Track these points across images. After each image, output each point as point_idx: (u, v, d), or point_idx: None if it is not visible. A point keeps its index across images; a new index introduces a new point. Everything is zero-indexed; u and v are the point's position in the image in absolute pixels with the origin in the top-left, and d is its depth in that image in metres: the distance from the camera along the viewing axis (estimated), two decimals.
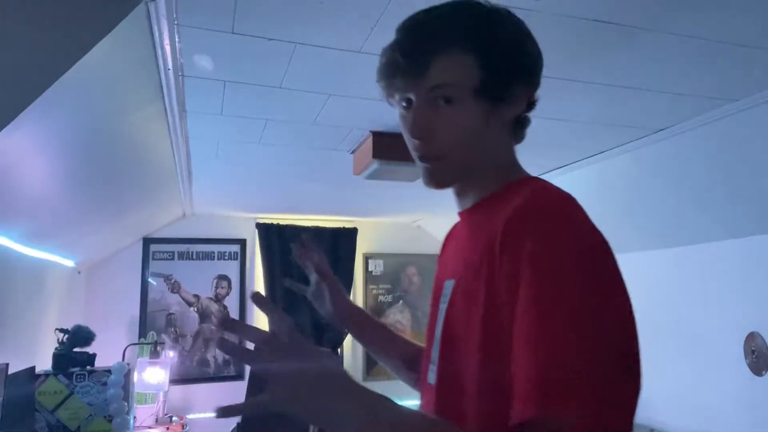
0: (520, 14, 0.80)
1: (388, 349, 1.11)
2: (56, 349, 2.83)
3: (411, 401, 0.86)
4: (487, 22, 0.75)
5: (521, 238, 0.64)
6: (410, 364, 1.04)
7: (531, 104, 0.80)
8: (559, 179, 2.98)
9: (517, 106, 0.78)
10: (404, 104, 0.78)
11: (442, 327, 0.77)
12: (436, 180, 0.80)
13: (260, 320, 4.45)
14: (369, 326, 1.13)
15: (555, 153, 2.75)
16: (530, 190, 0.71)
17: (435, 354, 0.79)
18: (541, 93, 0.81)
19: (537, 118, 0.85)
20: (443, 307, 0.79)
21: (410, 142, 0.79)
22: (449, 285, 0.79)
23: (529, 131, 0.84)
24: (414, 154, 0.80)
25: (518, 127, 0.81)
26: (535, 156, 2.76)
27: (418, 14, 0.78)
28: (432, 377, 0.79)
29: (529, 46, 0.78)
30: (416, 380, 0.99)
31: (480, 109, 0.74)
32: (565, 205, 0.67)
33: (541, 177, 0.77)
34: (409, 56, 0.74)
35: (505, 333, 0.62)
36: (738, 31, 1.55)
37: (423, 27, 0.77)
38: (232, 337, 0.71)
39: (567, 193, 0.68)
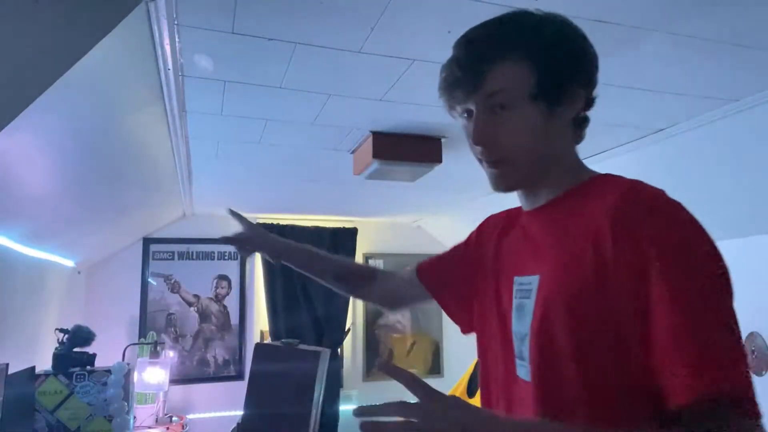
0: None
1: (321, 269, 1.23)
2: (56, 349, 2.83)
3: (415, 401, 0.82)
4: (537, 28, 0.80)
5: (638, 229, 0.68)
6: (341, 276, 1.22)
7: (589, 103, 0.84)
8: None
9: (575, 106, 0.81)
10: (465, 115, 0.83)
11: (538, 323, 0.76)
12: (505, 183, 0.83)
13: (260, 321, 4.45)
14: (297, 254, 1.23)
15: None
16: (625, 184, 0.76)
17: (525, 350, 0.79)
18: None
19: None
20: (526, 302, 0.80)
21: (474, 150, 0.83)
22: (532, 281, 0.80)
23: None
24: (480, 160, 0.84)
25: (578, 126, 0.84)
26: None
27: (474, 28, 0.83)
28: (524, 373, 0.79)
29: (581, 48, 0.82)
30: (350, 288, 1.23)
31: (537, 111, 0.78)
32: (671, 199, 0.71)
33: None
34: (466, 68, 0.79)
35: (625, 321, 0.67)
36: (738, 31, 1.55)
37: (478, 40, 0.81)
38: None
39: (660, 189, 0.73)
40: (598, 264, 0.70)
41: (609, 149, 2.67)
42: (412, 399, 0.65)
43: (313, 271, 1.23)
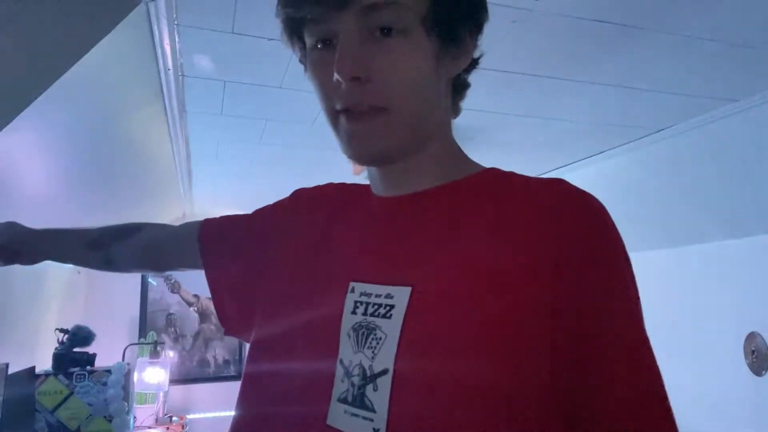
0: (519, 14, 0.79)
1: (74, 251, 1.02)
2: (56, 349, 2.82)
3: None
4: None
5: (591, 247, 0.53)
6: (92, 248, 0.97)
7: (473, 64, 0.63)
8: None
9: (462, 60, 0.61)
10: (320, 45, 0.58)
11: (412, 361, 0.52)
12: (382, 143, 0.58)
13: None
14: (49, 244, 1.03)
15: (555, 153, 2.75)
16: (551, 183, 0.59)
17: (371, 395, 0.52)
18: (540, 93, 0.79)
19: (537, 118, 0.84)
20: (381, 324, 0.54)
21: (332, 93, 0.57)
22: (394, 294, 0.55)
23: (529, 131, 0.80)
24: (339, 106, 0.57)
25: (458, 92, 0.65)
26: (535, 156, 2.76)
27: None
28: (350, 424, 0.53)
29: None
30: (101, 260, 0.96)
31: (430, 47, 0.57)
32: (608, 215, 0.57)
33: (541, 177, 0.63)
34: None
35: (536, 348, 0.49)
36: (738, 31, 1.55)
37: None
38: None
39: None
40: (528, 282, 0.51)
41: (609, 149, 2.67)
42: None
43: (71, 257, 1.02)
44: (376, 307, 0.56)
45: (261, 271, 0.73)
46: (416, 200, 0.62)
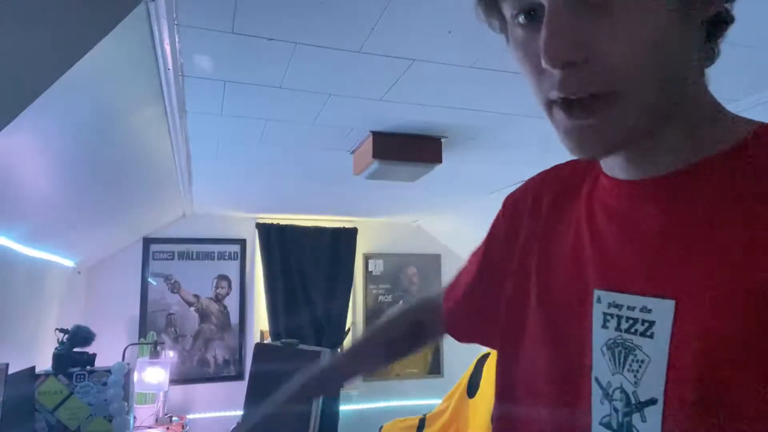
0: None
1: (373, 364, 1.01)
2: (56, 349, 2.83)
3: (413, 401, 0.81)
4: None
5: None
6: (394, 352, 0.94)
7: None
8: None
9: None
10: (522, 19, 0.46)
11: (693, 388, 0.43)
12: (611, 138, 0.46)
13: (260, 320, 4.45)
14: (358, 366, 0.99)
15: (555, 153, 2.74)
16: None
17: (638, 425, 0.47)
18: None
19: (537, 118, 0.83)
20: (642, 343, 0.47)
21: (544, 84, 0.46)
22: (654, 307, 0.47)
23: (529, 131, 0.76)
24: (554, 102, 0.46)
25: (713, 35, 0.48)
26: (535, 156, 2.76)
27: None
28: None
29: None
30: (409, 351, 0.92)
31: (662, 6, 0.43)
32: None
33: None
34: None
35: None
36: (738, 31, 1.54)
37: None
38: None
39: None
40: None
41: None
42: (410, 398, 0.64)
43: (369, 371, 1.02)
44: (631, 322, 0.48)
45: (504, 295, 0.66)
46: (666, 185, 0.49)
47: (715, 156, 0.47)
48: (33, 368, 2.58)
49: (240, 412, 3.26)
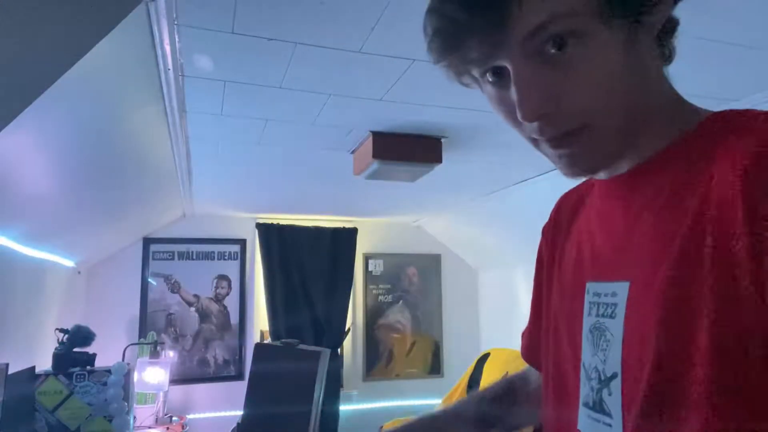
0: None
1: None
2: (56, 349, 2.82)
3: (413, 401, 0.77)
4: None
5: None
6: (490, 421, 0.86)
7: None
8: (559, 179, 2.97)
9: (662, 9, 0.50)
10: (491, 78, 0.52)
11: (629, 342, 0.50)
12: (588, 162, 0.53)
13: (260, 320, 4.45)
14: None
15: None
16: (763, 131, 0.45)
17: (606, 399, 0.52)
18: None
19: None
20: (608, 324, 0.53)
21: (524, 128, 0.53)
22: (616, 290, 0.53)
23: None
24: (537, 140, 0.53)
25: (665, 38, 0.54)
26: (535, 156, 2.76)
27: None
28: (593, 430, 0.53)
29: None
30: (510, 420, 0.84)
31: (614, 37, 0.47)
32: None
33: (539, 178, 0.64)
34: (479, 2, 0.47)
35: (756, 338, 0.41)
36: (738, 31, 1.55)
37: None
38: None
39: None
40: (722, 269, 0.43)
41: None
42: (410, 398, 0.63)
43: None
44: (604, 307, 0.54)
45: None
46: (627, 180, 0.55)
47: (669, 147, 0.53)
48: (33, 368, 2.57)
49: (240, 412, 3.26)
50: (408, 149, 2.46)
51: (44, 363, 2.83)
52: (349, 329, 4.53)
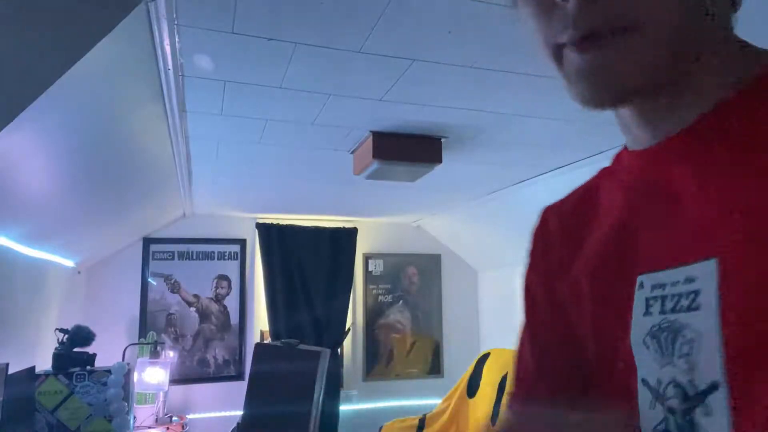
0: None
1: None
2: (56, 349, 2.83)
3: (413, 401, 0.73)
4: None
5: None
6: None
7: None
8: (559, 179, 2.98)
9: None
10: None
11: (734, 339, 0.36)
12: (632, 74, 0.40)
13: (260, 320, 4.45)
14: None
15: (555, 153, 2.75)
16: None
17: (702, 423, 0.38)
18: (540, 93, 0.76)
19: (537, 118, 0.82)
20: (687, 321, 0.39)
21: (552, 21, 0.41)
22: (696, 272, 0.39)
23: (529, 131, 0.72)
24: (564, 38, 0.41)
25: None
26: (535, 156, 2.76)
27: None
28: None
29: None
30: None
31: None
32: None
33: (539, 178, 0.55)
34: None
35: None
36: (737, 31, 1.55)
37: None
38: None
39: None
40: None
41: (610, 149, 2.67)
42: (410, 398, 0.56)
43: None
44: (676, 299, 0.40)
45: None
46: (694, 137, 0.43)
47: (741, 93, 0.42)
48: (33, 368, 2.58)
49: (240, 412, 3.26)
50: (408, 149, 2.46)
51: (44, 363, 2.83)
52: (349, 329, 4.53)
